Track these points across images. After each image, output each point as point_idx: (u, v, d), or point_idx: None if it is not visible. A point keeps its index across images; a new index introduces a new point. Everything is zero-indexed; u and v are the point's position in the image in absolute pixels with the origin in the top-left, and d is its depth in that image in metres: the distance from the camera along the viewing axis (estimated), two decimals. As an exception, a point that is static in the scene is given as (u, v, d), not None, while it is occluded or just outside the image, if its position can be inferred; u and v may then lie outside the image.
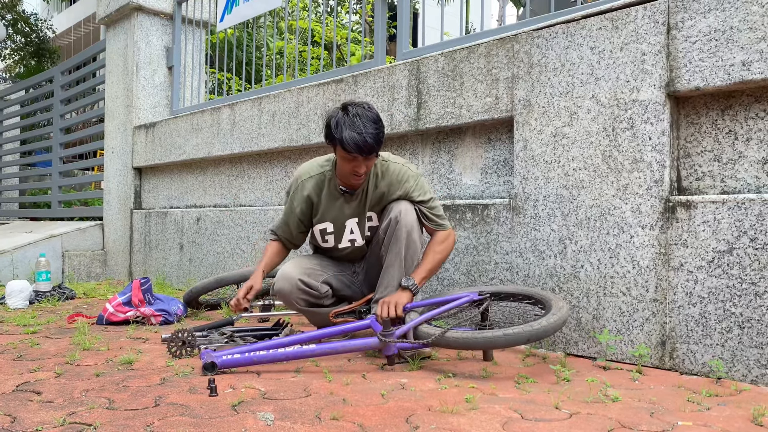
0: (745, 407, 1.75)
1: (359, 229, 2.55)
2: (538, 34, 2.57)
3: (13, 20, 11.42)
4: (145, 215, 5.10)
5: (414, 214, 2.41)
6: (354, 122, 2.28)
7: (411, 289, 2.36)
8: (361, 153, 2.29)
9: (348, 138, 2.27)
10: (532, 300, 2.39)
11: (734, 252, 2.04)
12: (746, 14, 2.05)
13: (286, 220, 2.63)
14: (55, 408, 1.74)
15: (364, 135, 2.26)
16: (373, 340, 2.22)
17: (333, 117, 2.35)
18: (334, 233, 2.57)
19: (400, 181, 2.47)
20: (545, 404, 1.78)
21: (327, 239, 2.59)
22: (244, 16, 4.55)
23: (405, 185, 2.46)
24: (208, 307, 3.58)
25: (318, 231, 2.59)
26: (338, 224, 2.55)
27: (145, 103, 5.26)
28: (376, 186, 2.49)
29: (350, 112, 2.32)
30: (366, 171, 2.38)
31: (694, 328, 2.12)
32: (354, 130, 2.27)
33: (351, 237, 2.57)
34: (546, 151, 2.53)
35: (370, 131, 2.28)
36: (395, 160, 2.52)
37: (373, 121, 2.32)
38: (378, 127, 2.32)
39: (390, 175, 2.48)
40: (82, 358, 2.37)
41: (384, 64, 3.43)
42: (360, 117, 2.30)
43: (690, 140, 2.27)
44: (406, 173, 2.48)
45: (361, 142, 2.26)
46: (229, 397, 1.84)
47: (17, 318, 3.31)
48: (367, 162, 2.35)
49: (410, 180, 2.47)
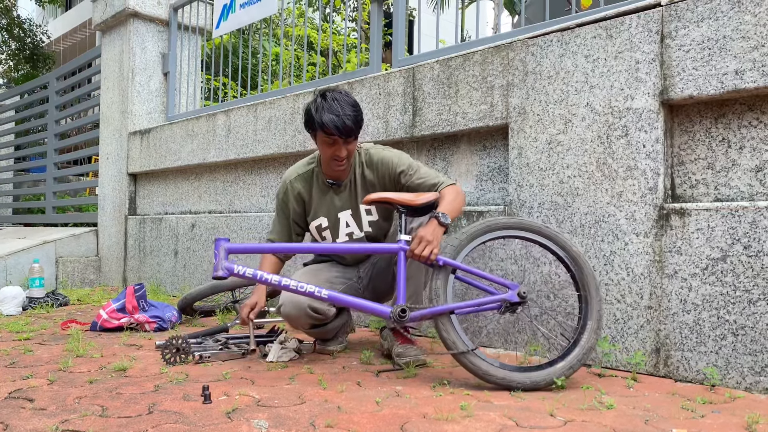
0: (740, 415, 1.75)
1: (355, 221, 2.55)
2: (533, 42, 2.58)
3: (8, 25, 11.40)
4: (139, 221, 5.08)
5: None
6: (332, 106, 2.35)
7: (446, 225, 2.19)
8: (341, 135, 2.34)
9: (327, 120, 2.33)
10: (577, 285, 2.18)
11: (728, 259, 2.04)
12: (739, 23, 2.06)
13: (280, 227, 2.63)
14: (48, 415, 1.73)
15: (342, 117, 2.33)
16: (385, 310, 2.16)
17: (312, 103, 2.42)
18: (330, 228, 2.57)
19: (384, 163, 2.48)
20: (540, 411, 1.78)
21: (324, 236, 2.59)
22: (240, 22, 4.56)
23: (389, 165, 2.47)
24: (202, 314, 3.57)
25: (314, 229, 2.59)
26: (332, 218, 2.56)
27: (141, 109, 5.26)
28: (363, 175, 2.51)
29: (328, 97, 2.39)
30: (348, 156, 2.41)
31: (688, 335, 2.12)
32: (333, 113, 2.34)
33: (348, 230, 2.56)
34: (541, 159, 2.54)
35: (348, 113, 2.35)
36: (377, 148, 2.55)
37: (351, 105, 2.39)
38: (356, 110, 2.39)
39: (374, 161, 2.50)
40: (75, 365, 2.36)
41: (380, 71, 3.44)
42: (338, 101, 2.37)
43: (684, 148, 2.28)
44: (387, 155, 2.50)
45: (340, 123, 2.33)
46: (223, 404, 1.83)
47: (10, 324, 3.29)
48: (347, 146, 2.39)
49: (393, 158, 2.48)
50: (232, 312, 3.55)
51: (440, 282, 2.13)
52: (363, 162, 2.52)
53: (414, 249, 2.14)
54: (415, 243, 2.15)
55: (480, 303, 2.15)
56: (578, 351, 2.07)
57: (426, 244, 2.13)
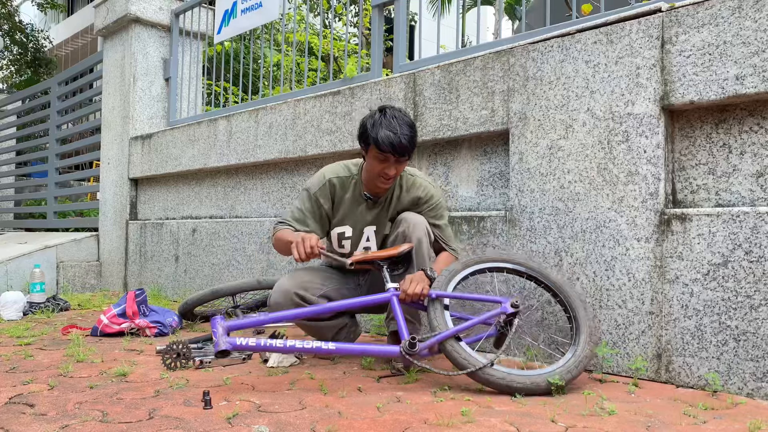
0: (741, 421, 1.75)
1: (375, 238, 2.56)
2: (534, 47, 2.59)
3: (10, 30, 11.43)
4: (140, 226, 5.09)
5: (424, 228, 2.41)
6: (391, 123, 2.34)
7: (431, 277, 2.29)
8: (395, 153, 2.32)
9: (384, 137, 2.31)
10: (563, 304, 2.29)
11: (729, 265, 2.04)
12: (739, 29, 2.07)
13: (304, 217, 2.51)
14: (49, 421, 1.72)
15: (399, 135, 2.31)
16: (394, 349, 2.14)
17: (370, 117, 2.40)
18: (352, 238, 2.56)
19: (423, 198, 2.50)
20: (541, 417, 1.77)
21: (344, 244, 2.57)
22: (241, 28, 4.57)
23: (425, 205, 2.50)
24: (203, 319, 3.56)
25: (335, 235, 2.57)
26: (357, 230, 2.55)
27: (142, 114, 5.27)
28: (399, 198, 2.51)
29: (388, 113, 2.38)
30: (395, 174, 2.39)
31: (689, 340, 2.12)
32: (390, 130, 2.32)
33: (366, 244, 2.56)
34: (542, 164, 2.54)
35: (406, 133, 2.33)
36: (422, 176, 2.56)
37: (409, 125, 2.37)
38: (413, 131, 2.38)
39: (415, 189, 2.51)
40: (75, 370, 2.36)
41: (381, 77, 3.45)
42: (397, 119, 2.35)
43: (685, 153, 2.28)
44: (430, 191, 2.52)
45: (396, 141, 2.31)
46: (224, 409, 1.83)
47: (11, 329, 3.29)
48: (397, 165, 2.37)
49: (432, 200, 2.51)
50: (233, 317, 3.55)
51: (437, 312, 2.20)
52: (403, 186, 2.52)
53: (406, 289, 2.24)
54: (406, 284, 2.26)
55: (479, 319, 2.22)
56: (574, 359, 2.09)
57: (417, 283, 2.25)
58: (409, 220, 2.42)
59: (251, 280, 3.39)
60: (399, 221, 2.46)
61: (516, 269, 2.36)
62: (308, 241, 2.27)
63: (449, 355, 2.09)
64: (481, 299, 2.36)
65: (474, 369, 2.02)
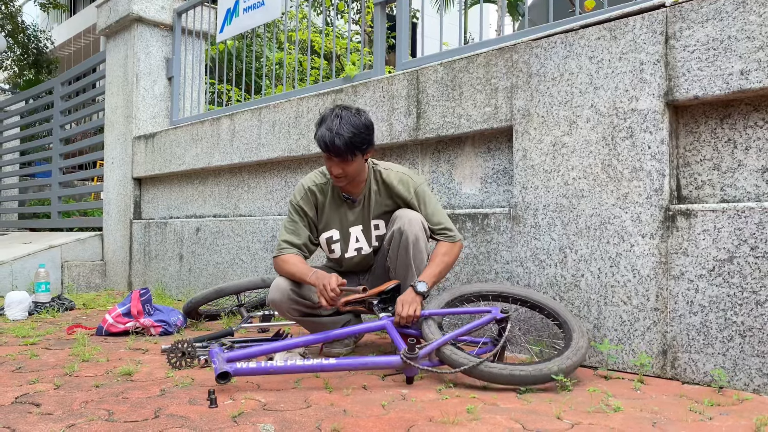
0: (748, 417, 1.74)
1: (365, 237, 2.55)
2: (537, 44, 2.58)
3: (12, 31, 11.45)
4: (144, 225, 5.10)
5: (420, 224, 2.41)
6: (331, 122, 2.31)
7: (424, 294, 2.31)
8: (329, 152, 2.32)
9: (319, 135, 2.33)
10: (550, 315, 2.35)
11: (735, 260, 2.03)
12: (744, 24, 2.06)
13: (296, 228, 2.53)
14: (55, 420, 1.73)
15: (333, 135, 2.28)
16: (395, 359, 2.13)
17: (321, 114, 2.40)
18: (340, 241, 2.56)
19: (400, 191, 2.47)
20: (547, 414, 1.77)
21: (333, 248, 2.57)
22: (244, 27, 4.57)
23: (405, 195, 2.47)
24: (207, 318, 3.57)
25: (324, 240, 2.58)
26: (344, 231, 2.55)
27: (145, 113, 5.27)
28: (379, 194, 2.50)
29: (334, 112, 2.35)
30: (343, 174, 2.37)
31: (695, 337, 2.11)
32: (327, 128, 2.31)
33: (357, 245, 2.56)
34: (545, 161, 2.53)
35: (343, 133, 2.28)
36: (396, 169, 2.53)
37: (353, 125, 2.31)
38: (357, 132, 2.30)
39: (390, 184, 2.48)
40: (81, 370, 2.36)
41: (383, 74, 3.45)
42: (341, 118, 2.32)
43: (689, 149, 2.27)
44: (407, 182, 2.48)
45: (329, 140, 2.29)
46: (229, 408, 1.83)
47: (16, 329, 3.30)
48: (342, 164, 2.34)
49: (410, 190, 2.47)
50: (237, 316, 3.55)
51: (432, 326, 2.26)
52: (377, 180, 2.51)
53: (400, 312, 2.25)
54: (399, 308, 2.26)
55: (474, 325, 2.26)
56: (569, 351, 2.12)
57: (408, 305, 2.26)
58: (404, 217, 2.41)
59: (256, 279, 3.39)
60: (394, 219, 2.45)
61: (502, 294, 2.44)
62: (328, 285, 2.27)
63: (448, 358, 2.11)
64: (472, 311, 2.37)
65: (475, 364, 2.04)
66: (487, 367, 2.04)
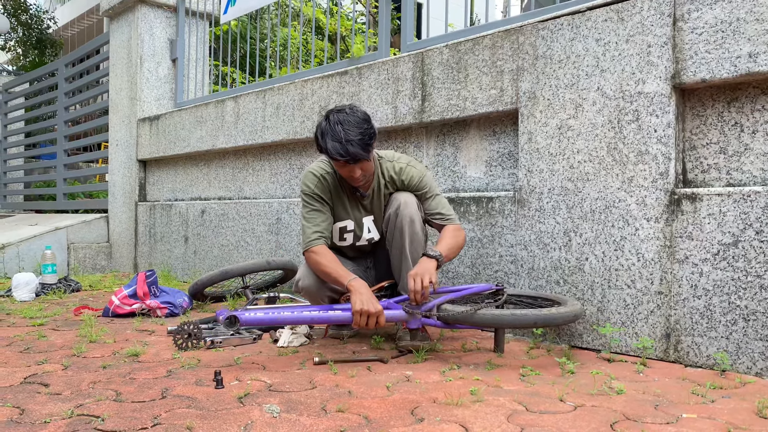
0: (750, 400, 1.75)
1: (375, 226, 2.56)
2: (543, 26, 2.56)
3: (14, 11, 11.40)
4: (149, 208, 5.11)
5: (415, 205, 2.42)
6: (335, 131, 2.26)
7: (437, 258, 2.25)
8: (347, 161, 2.28)
9: (332, 148, 2.26)
10: (549, 301, 2.41)
11: (740, 245, 2.03)
12: (753, 5, 2.03)
13: (320, 218, 2.47)
14: (63, 400, 1.75)
15: (345, 144, 2.24)
16: (399, 312, 2.24)
17: (319, 127, 2.34)
18: (354, 231, 2.56)
19: (404, 181, 2.48)
20: (550, 396, 1.78)
21: (345, 237, 2.57)
22: (248, 8, 4.53)
23: (409, 185, 2.48)
24: (213, 300, 3.59)
25: (338, 228, 2.55)
26: (358, 222, 2.54)
27: (149, 95, 5.26)
28: (386, 185, 2.51)
29: (331, 120, 2.30)
30: (363, 173, 2.36)
31: (698, 320, 2.12)
32: (336, 140, 2.25)
33: (369, 236, 2.56)
34: (551, 144, 2.52)
35: (352, 138, 2.25)
36: (399, 160, 2.52)
37: (356, 125, 2.27)
38: (362, 130, 2.28)
39: (397, 174, 2.48)
40: (88, 351, 2.39)
41: (388, 56, 3.42)
42: (342, 124, 2.27)
43: (695, 132, 2.26)
44: (409, 173, 2.48)
45: (343, 150, 2.25)
46: (235, 389, 1.85)
47: (24, 310, 3.33)
48: (360, 166, 2.33)
49: (414, 179, 2.48)
50: (243, 297, 3.58)
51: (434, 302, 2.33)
52: (384, 172, 2.50)
53: (411, 288, 2.19)
54: (411, 283, 2.19)
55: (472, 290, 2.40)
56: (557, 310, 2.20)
57: (419, 276, 2.19)
58: (399, 199, 2.42)
59: (261, 261, 3.41)
60: (390, 201, 2.47)
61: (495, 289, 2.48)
62: (372, 318, 2.18)
63: (446, 314, 2.23)
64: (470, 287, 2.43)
65: (478, 308, 2.16)
66: (489, 311, 2.17)
